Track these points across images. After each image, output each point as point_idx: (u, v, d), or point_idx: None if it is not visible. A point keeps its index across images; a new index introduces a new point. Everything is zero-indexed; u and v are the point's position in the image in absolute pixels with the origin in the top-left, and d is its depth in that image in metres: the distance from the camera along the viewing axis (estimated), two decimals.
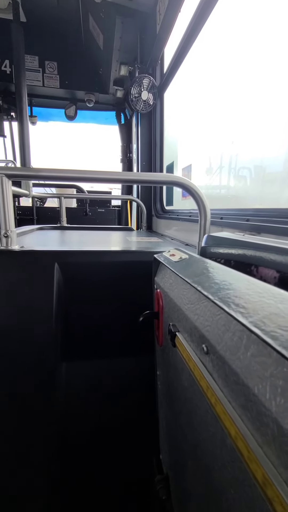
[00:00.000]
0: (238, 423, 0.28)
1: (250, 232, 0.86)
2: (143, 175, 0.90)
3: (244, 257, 0.55)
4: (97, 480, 0.93)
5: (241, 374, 0.29)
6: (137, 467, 0.92)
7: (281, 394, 0.23)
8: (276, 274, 0.45)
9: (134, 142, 2.49)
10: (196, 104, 1.84)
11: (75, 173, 0.86)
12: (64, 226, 2.20)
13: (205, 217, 0.83)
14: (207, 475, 0.40)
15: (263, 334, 0.25)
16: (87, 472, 0.92)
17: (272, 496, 0.22)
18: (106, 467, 0.93)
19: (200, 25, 1.39)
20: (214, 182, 1.64)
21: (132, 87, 1.89)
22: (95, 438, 0.93)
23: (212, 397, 0.33)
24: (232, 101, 1.37)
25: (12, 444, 0.83)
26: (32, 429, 0.84)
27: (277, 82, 1.00)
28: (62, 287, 0.89)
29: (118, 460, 0.94)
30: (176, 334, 0.49)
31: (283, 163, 1.07)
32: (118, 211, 3.32)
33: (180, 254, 0.66)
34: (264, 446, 0.24)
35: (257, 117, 1.16)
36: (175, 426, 0.59)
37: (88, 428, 0.92)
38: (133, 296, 0.92)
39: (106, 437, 0.93)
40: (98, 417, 0.93)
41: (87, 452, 0.92)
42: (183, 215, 1.62)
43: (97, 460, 0.93)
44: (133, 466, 0.93)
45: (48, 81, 2.61)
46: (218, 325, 0.36)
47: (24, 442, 0.83)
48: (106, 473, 0.93)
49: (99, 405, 0.93)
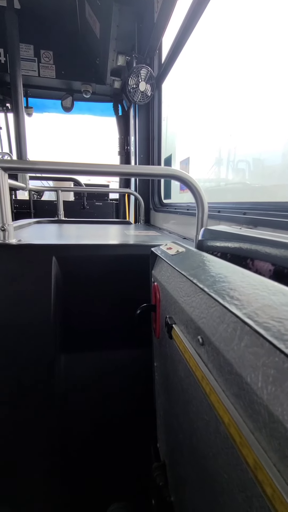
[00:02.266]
0: (231, 411, 0.29)
1: (247, 225, 0.86)
2: (140, 168, 0.90)
3: (240, 250, 0.55)
4: (97, 469, 0.95)
5: (234, 364, 0.30)
6: (135, 455, 0.95)
7: (272, 382, 0.24)
8: (271, 267, 0.46)
9: (132, 134, 2.46)
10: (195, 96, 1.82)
11: (72, 166, 0.85)
12: (62, 219, 2.19)
13: (202, 211, 0.83)
14: (201, 461, 0.41)
15: (256, 325, 0.26)
16: (87, 461, 0.94)
17: (262, 479, 0.23)
18: (105, 456, 0.95)
19: (199, 14, 1.36)
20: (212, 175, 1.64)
21: (130, 77, 1.86)
22: (94, 428, 0.95)
23: (207, 386, 0.34)
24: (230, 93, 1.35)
25: (12, 436, 0.84)
26: (32, 420, 0.85)
27: (276, 74, 0.99)
28: (60, 281, 0.89)
29: (117, 449, 0.96)
30: (173, 326, 0.50)
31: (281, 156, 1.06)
32: (116, 205, 3.30)
33: (177, 248, 0.67)
34: (255, 432, 0.25)
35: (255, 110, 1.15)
36: (172, 415, 0.60)
37: (87, 418, 0.94)
38: (130, 289, 0.92)
39: (105, 427, 0.95)
40: (97, 408, 0.95)
41: (87, 442, 0.94)
42: (180, 208, 1.62)
43: (96, 449, 0.95)
44: (131, 454, 0.95)
45: (44, 71, 2.56)
46: (213, 317, 0.37)
47: (24, 432, 0.85)
48: (105, 461, 0.95)
49: (97, 396, 0.95)
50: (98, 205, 3.20)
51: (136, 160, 2.25)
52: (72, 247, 0.92)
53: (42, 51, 2.52)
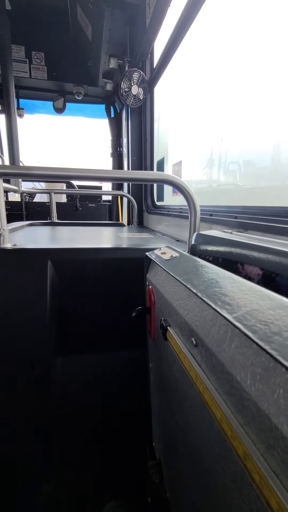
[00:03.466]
0: (223, 407, 0.31)
1: (238, 229, 0.89)
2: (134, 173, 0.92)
3: (231, 254, 0.58)
4: (93, 468, 0.97)
5: (226, 364, 0.32)
6: (131, 454, 0.97)
7: (260, 380, 0.27)
8: (259, 271, 0.49)
9: (125, 136, 2.48)
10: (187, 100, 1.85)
11: (66, 172, 0.86)
12: (55, 222, 2.19)
13: (195, 215, 0.85)
14: (196, 456, 0.44)
15: (244, 328, 0.28)
16: (84, 461, 0.96)
17: (251, 467, 0.26)
18: (101, 455, 0.97)
19: (190, 20, 1.40)
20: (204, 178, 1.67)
21: (122, 81, 1.88)
22: (90, 428, 0.96)
23: (200, 385, 0.37)
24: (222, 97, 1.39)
25: (8, 436, 0.85)
26: (28, 421, 0.86)
27: (267, 79, 1.03)
28: (55, 284, 0.90)
29: (113, 449, 0.98)
30: (168, 329, 0.52)
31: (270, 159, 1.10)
32: (109, 206, 3.31)
33: (171, 252, 0.69)
34: (245, 426, 0.28)
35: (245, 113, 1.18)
36: (167, 414, 0.63)
37: (83, 419, 0.96)
38: (125, 292, 0.94)
39: (101, 427, 0.97)
40: (92, 408, 0.96)
41: (83, 441, 0.96)
42: (173, 211, 1.64)
43: (92, 449, 0.96)
44: (127, 453, 0.97)
45: (36, 72, 2.55)
46: (206, 320, 0.39)
47: (20, 433, 0.86)
48: (101, 461, 0.97)
49: (94, 398, 0.96)
50: (91, 206, 3.20)
51: (129, 162, 2.26)
52: (67, 251, 0.93)
53: (34, 53, 2.51)
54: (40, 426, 0.87)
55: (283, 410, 0.23)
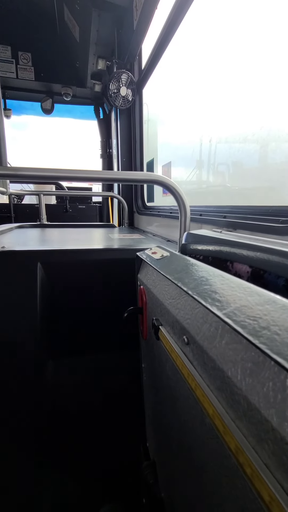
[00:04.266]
0: (215, 403, 0.31)
1: (227, 228, 0.91)
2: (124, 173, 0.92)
3: (220, 253, 0.59)
4: (87, 470, 0.95)
5: (217, 360, 0.32)
6: (125, 455, 0.96)
7: (250, 374, 0.27)
8: (248, 269, 0.50)
9: (114, 138, 2.48)
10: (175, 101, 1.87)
11: (56, 172, 0.86)
12: (45, 223, 2.16)
13: (185, 215, 0.86)
14: (189, 454, 0.44)
15: (234, 324, 0.28)
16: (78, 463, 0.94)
17: (243, 461, 0.26)
18: (95, 457, 0.96)
19: (177, 23, 1.41)
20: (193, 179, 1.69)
21: (111, 82, 1.88)
22: (84, 431, 0.95)
23: (193, 382, 0.37)
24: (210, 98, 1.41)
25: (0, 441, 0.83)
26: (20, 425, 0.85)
27: (254, 81, 1.05)
28: (46, 287, 0.89)
29: (108, 450, 0.97)
30: (160, 328, 0.52)
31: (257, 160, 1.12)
32: (99, 208, 3.29)
33: (162, 252, 0.69)
34: (236, 420, 0.28)
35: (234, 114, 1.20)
36: (160, 413, 0.63)
37: (77, 421, 0.95)
38: (117, 293, 0.94)
39: (95, 430, 0.96)
40: (86, 411, 0.95)
41: (77, 445, 0.94)
42: (164, 211, 1.65)
43: (86, 451, 0.95)
44: (121, 454, 0.97)
45: (22, 73, 2.52)
46: (197, 318, 0.39)
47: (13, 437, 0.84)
48: (95, 463, 0.96)
49: (87, 399, 0.95)
50: (81, 208, 3.18)
51: (119, 163, 2.26)
52: (58, 252, 0.92)
53: (20, 53, 2.48)
54: (32, 429, 0.86)
55: (273, 403, 0.24)
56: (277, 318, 0.27)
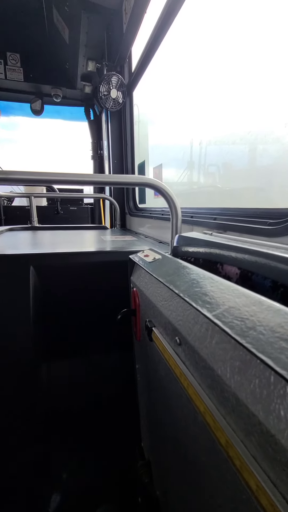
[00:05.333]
0: (206, 400, 0.33)
1: (217, 230, 0.93)
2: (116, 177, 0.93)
3: (211, 255, 0.60)
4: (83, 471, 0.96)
5: (207, 359, 0.34)
6: (120, 455, 0.97)
7: (238, 372, 0.29)
8: (237, 270, 0.52)
9: (105, 139, 2.48)
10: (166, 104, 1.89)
11: (47, 176, 0.86)
12: (36, 226, 2.15)
13: (176, 217, 0.87)
14: (183, 452, 0.46)
15: (223, 325, 0.30)
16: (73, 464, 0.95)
17: (232, 454, 0.28)
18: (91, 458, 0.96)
19: (167, 26, 1.43)
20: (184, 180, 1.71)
21: (101, 84, 1.89)
22: (79, 432, 0.95)
23: (185, 381, 0.38)
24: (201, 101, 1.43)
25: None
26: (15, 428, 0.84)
27: (244, 83, 1.07)
28: (38, 290, 0.89)
29: (103, 451, 0.97)
30: (152, 329, 0.54)
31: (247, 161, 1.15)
32: (91, 209, 3.28)
33: (154, 255, 0.71)
34: (226, 416, 0.30)
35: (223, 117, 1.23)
36: (155, 413, 0.64)
37: (72, 423, 0.95)
38: (110, 295, 0.95)
39: (90, 431, 0.97)
40: (81, 413, 0.96)
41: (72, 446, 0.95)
42: (155, 213, 1.67)
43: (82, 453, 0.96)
44: (117, 455, 0.97)
45: (11, 73, 2.49)
46: (188, 319, 0.41)
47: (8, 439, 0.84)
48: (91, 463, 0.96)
49: (81, 402, 0.96)
50: (72, 210, 3.17)
51: (110, 165, 2.27)
52: (50, 255, 0.92)
53: (9, 54, 2.46)
54: (27, 431, 0.86)
55: (259, 399, 0.25)
56: (262, 318, 0.29)
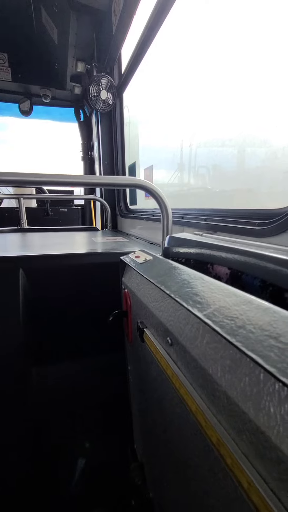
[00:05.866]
0: (198, 400, 0.33)
1: (208, 231, 0.94)
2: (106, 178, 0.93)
3: (201, 256, 0.61)
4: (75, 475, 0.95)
5: (199, 359, 0.34)
6: (113, 458, 0.96)
7: (229, 371, 0.29)
8: (227, 270, 0.52)
9: (95, 140, 2.47)
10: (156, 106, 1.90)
11: (37, 177, 0.84)
12: (25, 228, 2.12)
13: (167, 218, 0.88)
14: (175, 452, 0.46)
15: (213, 325, 0.30)
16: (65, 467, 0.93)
17: (224, 453, 0.28)
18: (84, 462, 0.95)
19: (156, 28, 1.44)
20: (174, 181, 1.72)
21: (91, 85, 1.88)
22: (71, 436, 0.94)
23: (177, 382, 0.38)
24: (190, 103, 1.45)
25: None
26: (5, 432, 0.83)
27: (233, 85, 1.09)
28: (28, 293, 0.88)
29: (95, 454, 0.97)
30: (144, 330, 0.54)
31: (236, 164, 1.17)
32: (81, 211, 3.26)
33: (145, 256, 0.71)
34: (217, 415, 0.30)
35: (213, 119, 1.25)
36: (147, 414, 0.64)
37: (64, 427, 0.94)
38: (101, 297, 0.94)
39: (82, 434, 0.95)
40: (72, 416, 0.95)
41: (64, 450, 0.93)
42: (146, 214, 1.67)
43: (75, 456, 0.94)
44: (109, 457, 0.97)
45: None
46: (179, 319, 0.41)
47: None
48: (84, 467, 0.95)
49: (73, 405, 0.95)
50: (63, 211, 3.14)
51: (101, 166, 2.26)
52: (40, 258, 0.91)
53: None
54: (18, 435, 0.84)
55: (249, 396, 0.25)
56: (252, 317, 0.29)
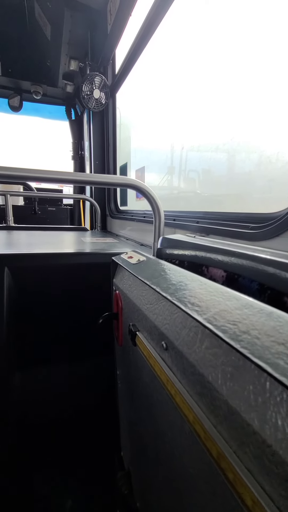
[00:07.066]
0: (195, 409, 0.31)
1: (200, 233, 0.93)
2: (98, 176, 0.90)
3: (196, 258, 0.60)
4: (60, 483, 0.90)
5: (197, 365, 0.32)
6: (99, 466, 0.93)
7: (230, 379, 0.27)
8: (223, 273, 0.51)
9: (86, 140, 2.44)
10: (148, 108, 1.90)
11: (23, 172, 0.81)
12: (11, 226, 2.05)
13: (159, 219, 0.86)
14: (167, 462, 0.43)
15: (215, 329, 0.29)
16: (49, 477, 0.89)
17: (225, 467, 0.26)
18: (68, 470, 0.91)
19: (152, 31, 1.44)
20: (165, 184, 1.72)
21: (84, 84, 1.85)
22: (55, 444, 0.90)
23: (172, 388, 0.37)
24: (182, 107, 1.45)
25: None
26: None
27: (226, 89, 1.09)
28: (13, 293, 0.83)
29: (81, 462, 0.93)
30: (137, 334, 0.51)
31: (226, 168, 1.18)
32: (70, 210, 3.20)
33: (138, 256, 0.69)
34: (217, 425, 0.28)
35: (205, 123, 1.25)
36: (136, 421, 0.61)
37: (48, 434, 0.89)
38: (90, 298, 0.91)
39: (66, 442, 0.91)
40: (57, 424, 0.90)
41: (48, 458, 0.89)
42: (137, 215, 1.65)
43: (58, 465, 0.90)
44: (95, 465, 0.93)
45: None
46: (176, 323, 0.39)
47: None
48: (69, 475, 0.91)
49: (57, 411, 0.91)
50: (51, 210, 3.07)
51: (91, 166, 2.23)
52: (27, 256, 0.87)
53: None
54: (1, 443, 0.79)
55: (254, 406, 0.24)
56: (255, 322, 0.28)
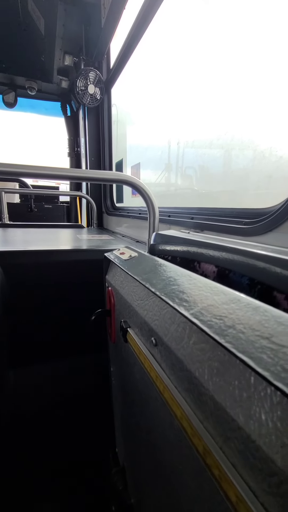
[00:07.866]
0: (183, 405, 0.31)
1: (194, 229, 0.92)
2: (93, 172, 0.89)
3: (188, 253, 0.59)
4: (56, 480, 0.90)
5: (184, 361, 0.32)
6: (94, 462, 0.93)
7: (217, 374, 0.27)
8: (215, 268, 0.51)
9: (82, 136, 2.42)
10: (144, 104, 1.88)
11: (18, 168, 0.80)
12: (6, 223, 2.03)
13: (154, 216, 0.86)
14: (158, 458, 0.43)
15: (201, 324, 0.28)
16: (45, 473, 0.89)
17: (210, 463, 0.26)
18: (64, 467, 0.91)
19: (146, 25, 1.42)
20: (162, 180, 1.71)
21: (78, 79, 1.83)
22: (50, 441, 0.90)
23: (161, 385, 0.36)
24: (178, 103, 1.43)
25: None
26: None
27: (222, 85, 1.08)
28: (6, 290, 0.83)
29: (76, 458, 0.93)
30: (128, 330, 0.51)
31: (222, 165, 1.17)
32: (67, 207, 3.18)
33: (130, 252, 0.68)
34: (204, 421, 0.28)
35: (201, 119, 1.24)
36: (129, 417, 0.61)
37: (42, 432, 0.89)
38: (84, 295, 0.91)
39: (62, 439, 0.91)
40: (52, 420, 0.90)
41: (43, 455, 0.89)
42: (133, 212, 1.65)
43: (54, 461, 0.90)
44: (90, 462, 0.93)
45: None
46: (165, 319, 0.39)
47: None
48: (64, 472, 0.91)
49: (52, 408, 0.90)
50: (47, 207, 3.05)
51: (87, 163, 2.21)
52: (20, 253, 0.86)
53: None
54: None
55: (239, 402, 0.24)
56: (241, 316, 0.27)
